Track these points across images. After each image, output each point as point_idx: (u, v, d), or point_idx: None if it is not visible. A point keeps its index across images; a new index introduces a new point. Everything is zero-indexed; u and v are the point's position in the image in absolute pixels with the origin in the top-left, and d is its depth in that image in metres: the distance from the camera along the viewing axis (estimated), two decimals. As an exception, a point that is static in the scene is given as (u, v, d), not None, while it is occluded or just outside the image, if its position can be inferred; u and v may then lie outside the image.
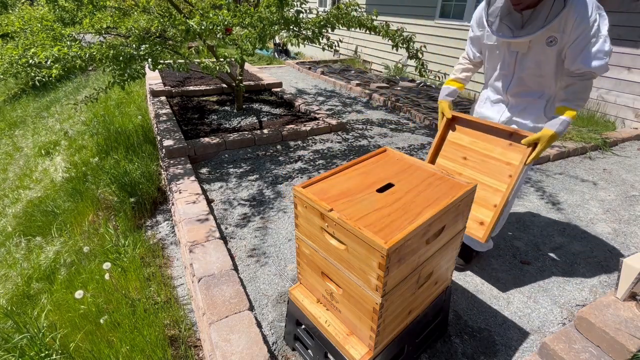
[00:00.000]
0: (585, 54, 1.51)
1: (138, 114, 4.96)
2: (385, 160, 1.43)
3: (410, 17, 6.93)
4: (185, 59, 3.24)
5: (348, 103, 5.51)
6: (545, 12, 1.49)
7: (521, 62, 1.69)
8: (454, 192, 1.21)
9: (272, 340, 1.69)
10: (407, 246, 1.05)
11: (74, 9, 3.79)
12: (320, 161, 3.50)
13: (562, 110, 1.59)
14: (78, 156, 4.28)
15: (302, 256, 1.36)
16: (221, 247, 2.18)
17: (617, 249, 2.34)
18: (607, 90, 4.58)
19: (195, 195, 2.71)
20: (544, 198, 2.93)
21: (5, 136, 6.59)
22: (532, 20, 1.53)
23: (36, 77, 2.80)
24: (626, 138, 4.16)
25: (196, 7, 4.54)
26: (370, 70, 8.16)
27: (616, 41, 4.33)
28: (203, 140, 3.60)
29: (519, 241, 2.40)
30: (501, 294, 1.96)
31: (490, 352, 1.63)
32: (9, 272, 2.80)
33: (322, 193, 1.19)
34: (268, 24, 3.13)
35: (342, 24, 3.65)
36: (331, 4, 9.39)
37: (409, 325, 1.36)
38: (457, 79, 1.93)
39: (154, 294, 2.11)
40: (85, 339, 1.87)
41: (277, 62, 9.10)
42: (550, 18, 1.48)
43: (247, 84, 5.55)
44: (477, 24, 1.79)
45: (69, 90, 7.89)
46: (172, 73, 6.45)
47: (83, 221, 3.03)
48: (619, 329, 1.33)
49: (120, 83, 2.93)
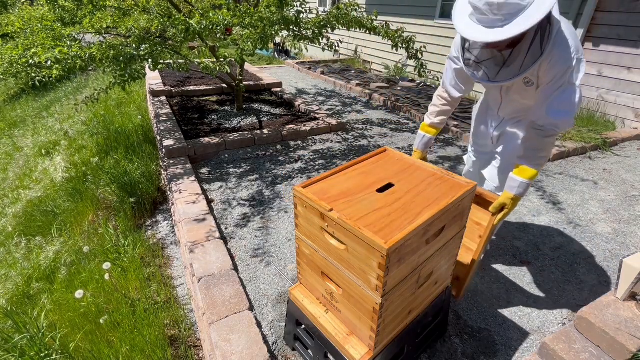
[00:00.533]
0: (550, 104, 1.40)
1: (138, 114, 4.96)
2: (385, 160, 1.43)
3: (410, 17, 6.93)
4: (186, 59, 3.24)
5: (348, 103, 5.51)
6: (522, 57, 1.35)
7: (507, 94, 1.67)
8: (454, 192, 1.21)
9: (272, 340, 1.69)
10: (407, 246, 1.05)
11: (74, 9, 3.80)
12: (320, 161, 3.50)
13: (521, 170, 1.49)
14: (78, 156, 4.28)
15: (302, 256, 1.36)
16: (221, 247, 2.18)
17: (617, 249, 2.34)
18: (607, 90, 4.58)
19: (195, 195, 2.71)
20: (544, 198, 2.93)
21: (5, 136, 6.59)
22: (511, 61, 1.40)
23: (36, 77, 2.80)
24: (626, 138, 4.16)
25: (196, 7, 4.54)
26: (370, 70, 8.16)
27: (616, 41, 4.34)
28: (203, 140, 3.60)
29: (519, 241, 2.40)
30: (501, 294, 1.96)
31: (490, 352, 1.63)
32: (9, 272, 2.80)
33: (322, 193, 1.19)
34: (268, 24, 3.13)
35: (342, 24, 3.65)
36: (331, 4, 9.39)
37: (409, 325, 1.36)
38: (432, 124, 1.80)
39: (154, 294, 2.11)
40: (85, 339, 1.87)
41: (277, 62, 9.10)
42: (525, 65, 1.35)
43: (247, 84, 5.55)
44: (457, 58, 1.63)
45: (69, 91, 7.89)
46: (172, 73, 6.45)
47: (83, 221, 3.02)
48: (619, 329, 1.33)
49: (121, 83, 2.93)
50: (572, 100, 1.37)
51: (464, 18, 1.30)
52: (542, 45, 1.31)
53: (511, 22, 1.18)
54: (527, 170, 1.48)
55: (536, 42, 1.31)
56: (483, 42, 1.26)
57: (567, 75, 1.34)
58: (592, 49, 4.58)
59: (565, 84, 1.36)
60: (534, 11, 1.16)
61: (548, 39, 1.30)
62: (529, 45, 1.32)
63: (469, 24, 1.28)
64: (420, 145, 1.82)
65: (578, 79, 1.36)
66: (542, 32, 1.29)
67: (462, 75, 1.66)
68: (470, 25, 1.27)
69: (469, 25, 1.27)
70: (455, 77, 1.69)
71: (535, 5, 1.17)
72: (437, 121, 1.79)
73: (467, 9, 1.29)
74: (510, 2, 1.15)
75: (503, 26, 1.19)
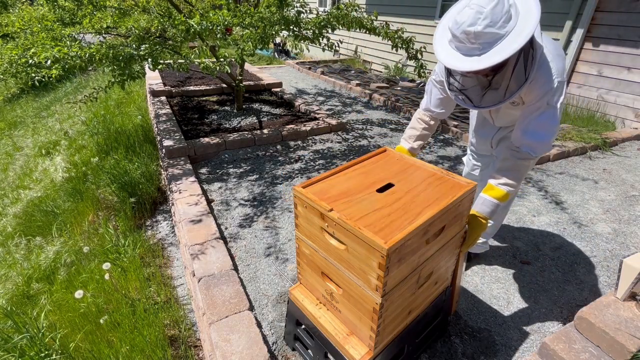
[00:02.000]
0: (527, 125, 1.37)
1: (138, 114, 4.96)
2: (385, 160, 1.43)
3: (410, 17, 6.93)
4: (186, 59, 3.24)
5: (348, 103, 5.51)
6: (506, 82, 1.32)
7: (496, 114, 1.67)
8: (454, 192, 1.21)
9: (272, 340, 1.69)
10: (407, 246, 1.05)
11: (74, 9, 3.79)
12: (320, 161, 3.50)
13: (489, 188, 1.44)
14: (78, 156, 4.28)
15: (302, 256, 1.36)
16: (221, 247, 2.18)
17: (617, 249, 2.34)
18: (607, 90, 4.58)
19: (195, 196, 2.71)
20: (544, 198, 2.93)
21: (5, 136, 6.59)
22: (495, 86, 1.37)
23: (36, 77, 2.80)
24: (626, 138, 4.16)
25: (196, 7, 4.54)
26: (370, 70, 8.16)
27: (616, 41, 4.34)
28: (203, 141, 3.60)
29: (519, 241, 2.40)
30: (501, 294, 1.96)
31: (490, 352, 1.63)
32: (9, 272, 2.80)
33: (322, 193, 1.19)
34: (268, 24, 3.13)
35: (343, 24, 3.65)
36: (331, 4, 9.39)
37: (409, 325, 1.36)
38: (412, 150, 1.70)
39: (154, 294, 2.11)
40: (85, 339, 1.87)
41: (277, 62, 9.10)
42: (510, 91, 1.31)
43: (247, 84, 5.55)
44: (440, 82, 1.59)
45: (69, 91, 7.89)
46: (172, 73, 6.45)
47: (83, 221, 3.02)
48: (619, 329, 1.33)
49: (120, 83, 2.93)
50: (550, 123, 1.34)
51: (444, 44, 1.26)
52: (525, 71, 1.27)
53: (489, 51, 1.14)
54: (495, 190, 1.43)
55: (519, 67, 1.27)
56: (461, 70, 1.23)
57: (547, 97, 1.31)
58: (592, 49, 4.58)
59: (544, 107, 1.33)
60: (512, 40, 1.12)
61: (532, 64, 1.26)
62: (511, 71, 1.28)
63: (448, 51, 1.24)
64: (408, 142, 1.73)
65: (559, 102, 1.32)
66: (525, 57, 1.25)
67: (445, 98, 1.62)
68: (450, 53, 1.23)
69: (449, 53, 1.23)
70: (438, 99, 1.64)
71: (514, 33, 1.13)
72: (416, 146, 1.71)
73: (447, 34, 1.25)
74: (487, 32, 1.11)
75: (480, 55, 1.16)
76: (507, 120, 1.70)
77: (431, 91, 1.65)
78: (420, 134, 1.70)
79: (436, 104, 1.66)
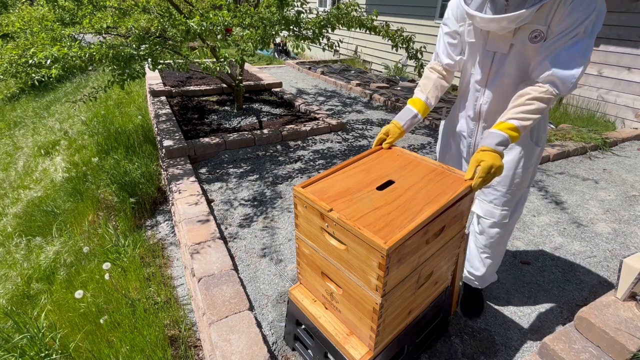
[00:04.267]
0: (557, 55, 1.16)
1: (138, 114, 4.96)
2: (386, 155, 1.42)
3: (410, 17, 6.93)
4: (186, 59, 3.24)
5: (348, 103, 5.51)
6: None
7: (498, 68, 1.34)
8: (454, 188, 1.19)
9: (272, 340, 1.69)
10: (407, 246, 1.04)
11: (74, 9, 3.79)
12: (320, 161, 3.50)
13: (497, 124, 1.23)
14: (78, 156, 4.28)
15: (302, 256, 1.36)
16: (221, 247, 2.18)
17: (617, 249, 2.34)
18: (607, 90, 4.58)
19: (195, 196, 2.71)
20: (544, 198, 2.93)
21: (5, 136, 6.59)
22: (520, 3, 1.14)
23: (36, 77, 2.80)
24: (626, 138, 4.16)
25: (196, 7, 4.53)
26: (370, 70, 8.16)
27: (616, 41, 4.34)
28: (203, 141, 3.60)
29: (519, 241, 2.40)
30: (501, 294, 1.96)
31: (490, 352, 1.63)
32: (9, 272, 2.80)
33: (321, 192, 1.19)
34: (269, 25, 3.13)
35: (343, 24, 3.66)
36: (331, 4, 9.39)
37: (409, 325, 1.36)
38: (426, 100, 1.48)
39: (154, 294, 2.11)
40: (85, 339, 1.87)
41: (277, 62, 9.10)
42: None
43: (247, 84, 5.55)
44: (456, 16, 1.40)
45: (68, 91, 7.89)
46: (172, 73, 6.45)
47: (83, 221, 3.02)
48: (619, 329, 1.33)
49: (120, 82, 2.93)
50: (583, 54, 1.15)
51: None
52: None
53: None
54: (504, 123, 1.21)
55: None
56: None
57: (587, 23, 1.12)
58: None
59: (580, 34, 1.13)
60: None
61: None
62: None
63: None
64: (405, 121, 1.46)
65: (594, 34, 1.14)
66: None
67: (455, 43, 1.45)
68: None
69: None
70: (448, 45, 1.47)
71: None
72: (430, 96, 1.50)
73: None
74: None
75: None
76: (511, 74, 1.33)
77: (440, 37, 1.50)
78: (434, 83, 1.50)
79: (445, 51, 1.48)
